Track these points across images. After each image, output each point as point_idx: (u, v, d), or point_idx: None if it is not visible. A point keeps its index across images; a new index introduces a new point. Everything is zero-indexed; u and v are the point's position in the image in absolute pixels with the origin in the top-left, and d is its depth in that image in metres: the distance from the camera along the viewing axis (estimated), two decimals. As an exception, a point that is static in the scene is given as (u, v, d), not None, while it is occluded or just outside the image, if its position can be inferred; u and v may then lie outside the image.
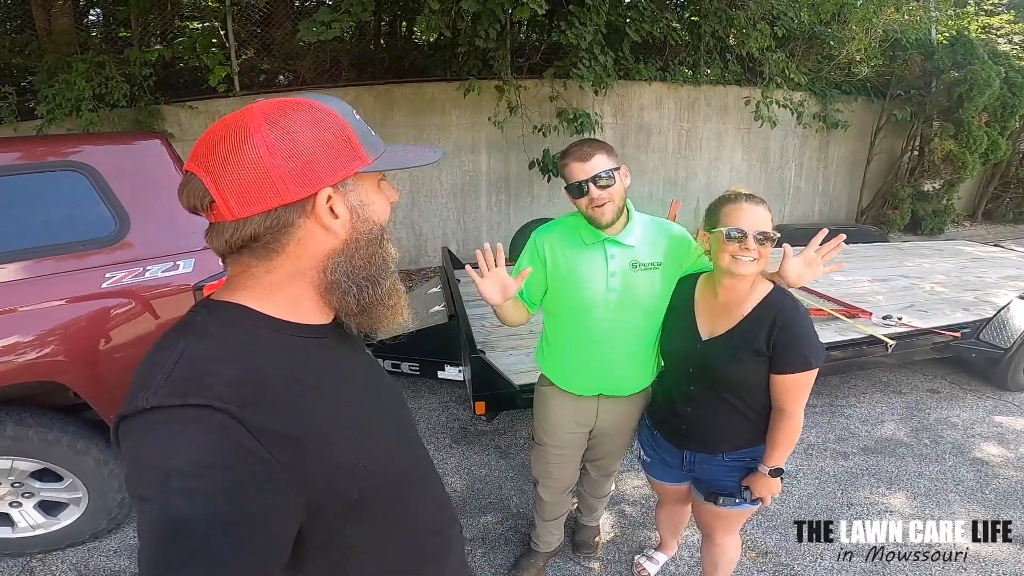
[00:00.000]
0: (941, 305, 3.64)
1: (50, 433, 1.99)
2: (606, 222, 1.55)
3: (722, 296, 1.51)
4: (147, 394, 0.58)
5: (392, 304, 0.76)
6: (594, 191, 1.51)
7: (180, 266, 2.00)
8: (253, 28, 5.67)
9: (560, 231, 1.68)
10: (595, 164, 1.51)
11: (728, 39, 6.58)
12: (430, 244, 5.95)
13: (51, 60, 4.40)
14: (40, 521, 2.18)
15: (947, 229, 7.92)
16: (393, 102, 5.44)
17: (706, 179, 7.06)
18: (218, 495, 0.54)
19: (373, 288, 0.73)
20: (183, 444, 0.56)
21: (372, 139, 0.72)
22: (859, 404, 3.48)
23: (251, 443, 0.58)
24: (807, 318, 1.44)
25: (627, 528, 2.45)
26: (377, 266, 0.73)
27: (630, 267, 1.60)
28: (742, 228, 1.38)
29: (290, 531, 0.61)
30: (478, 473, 2.80)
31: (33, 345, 1.86)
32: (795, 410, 1.46)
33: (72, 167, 1.97)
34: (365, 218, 0.72)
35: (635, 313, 1.64)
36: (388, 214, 0.76)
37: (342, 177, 0.68)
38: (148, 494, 0.54)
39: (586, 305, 1.63)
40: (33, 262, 1.88)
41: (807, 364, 1.41)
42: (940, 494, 2.67)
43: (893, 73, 7.47)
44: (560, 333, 1.75)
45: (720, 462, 1.62)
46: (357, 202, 0.70)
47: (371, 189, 0.73)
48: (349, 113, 0.71)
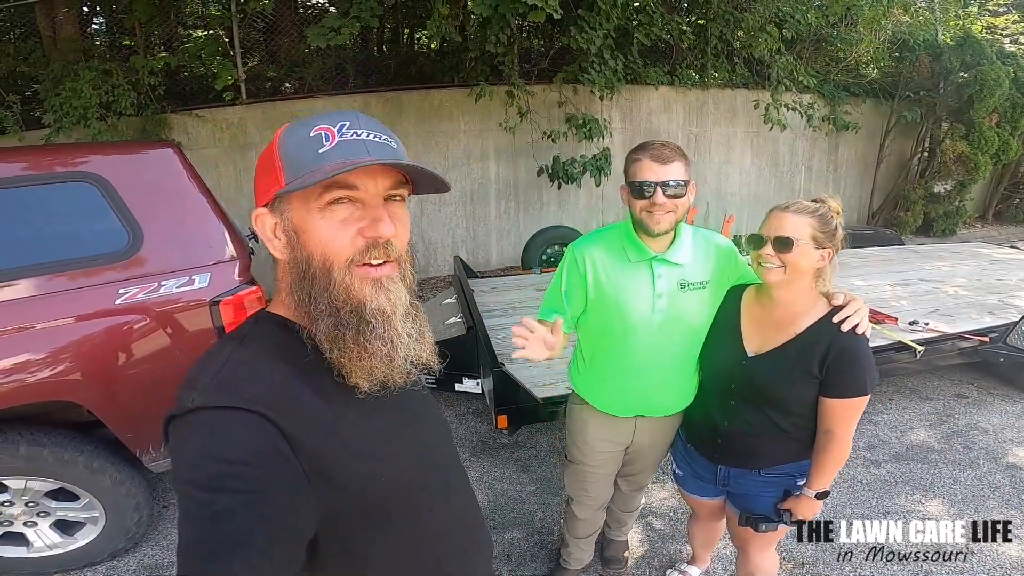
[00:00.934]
0: (967, 309, 3.57)
1: (65, 453, 1.94)
2: (659, 231, 1.44)
3: (773, 311, 1.45)
4: (194, 395, 0.63)
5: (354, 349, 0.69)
6: (660, 197, 1.39)
7: (195, 281, 1.94)
8: (258, 36, 5.64)
9: (603, 245, 1.55)
10: (671, 170, 1.39)
11: (735, 42, 6.53)
12: (439, 253, 5.89)
13: (57, 68, 4.35)
14: (56, 541, 2.14)
15: (959, 231, 7.85)
16: (401, 109, 5.39)
17: (716, 183, 7.00)
18: (253, 491, 0.58)
19: (337, 324, 0.68)
20: (223, 442, 0.60)
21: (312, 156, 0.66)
22: (886, 411, 3.41)
23: (284, 446, 0.62)
24: (866, 342, 1.37)
25: (656, 542, 2.38)
26: (337, 300, 0.68)
27: (678, 287, 1.50)
28: (761, 233, 1.36)
29: (307, 534, 0.65)
30: (499, 488, 2.72)
31: (46, 364, 1.80)
32: (845, 434, 1.40)
33: (82, 178, 1.91)
34: (296, 245, 0.69)
35: (680, 334, 1.55)
36: (344, 248, 0.68)
37: (266, 199, 0.70)
38: (189, 488, 0.58)
39: (627, 327, 1.53)
40: (44, 278, 1.82)
41: (863, 390, 1.36)
42: (978, 500, 2.61)
43: (901, 74, 7.42)
44: (598, 353, 1.65)
45: (756, 477, 1.56)
46: (291, 227, 0.70)
47: (309, 216, 0.68)
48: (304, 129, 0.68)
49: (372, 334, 0.69)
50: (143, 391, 1.92)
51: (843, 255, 4.81)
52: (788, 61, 6.21)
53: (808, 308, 1.41)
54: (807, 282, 1.40)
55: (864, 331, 1.35)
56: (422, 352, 0.75)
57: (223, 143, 4.95)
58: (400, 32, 7.04)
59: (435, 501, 0.81)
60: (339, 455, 0.68)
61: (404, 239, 0.74)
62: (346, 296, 0.69)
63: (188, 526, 0.57)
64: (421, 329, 0.75)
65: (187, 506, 0.58)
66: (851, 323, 1.34)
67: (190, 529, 0.57)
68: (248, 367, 0.67)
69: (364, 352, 0.69)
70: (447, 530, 0.83)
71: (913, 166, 7.85)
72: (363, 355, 0.69)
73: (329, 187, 0.66)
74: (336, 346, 0.69)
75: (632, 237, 1.51)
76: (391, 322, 0.71)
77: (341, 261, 0.68)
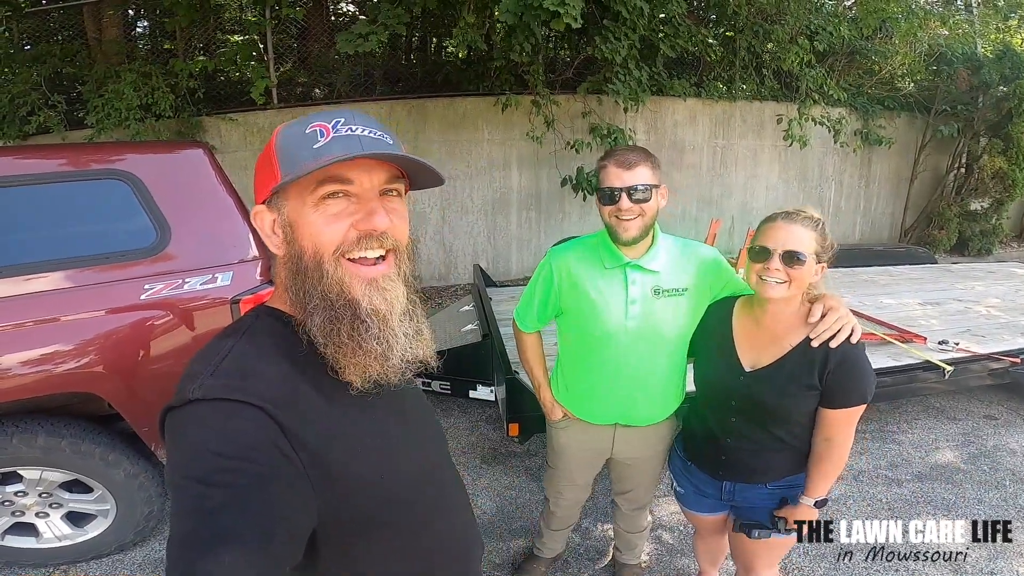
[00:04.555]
0: (999, 330, 3.44)
1: (83, 444, 1.97)
2: (628, 238, 1.45)
3: (766, 324, 1.42)
4: (193, 387, 0.62)
5: (349, 345, 0.68)
6: (625, 202, 1.41)
7: (218, 279, 1.98)
8: (290, 42, 5.79)
9: (579, 252, 1.58)
10: (636, 175, 1.41)
11: (764, 54, 6.45)
12: (460, 261, 5.92)
13: (101, 70, 4.53)
14: (66, 532, 2.16)
15: (995, 250, 7.59)
16: (426, 116, 5.46)
17: (741, 198, 6.90)
18: (249, 486, 0.58)
19: (331, 319, 0.68)
20: (221, 436, 0.60)
21: (308, 151, 0.67)
22: (911, 430, 3.32)
23: (282, 442, 0.62)
24: (862, 350, 1.35)
25: (665, 556, 2.34)
26: (331, 294, 0.68)
27: (652, 293, 1.50)
28: (766, 246, 1.32)
29: (304, 531, 0.64)
30: (508, 495, 2.71)
31: (71, 356, 1.85)
32: (845, 440, 1.40)
33: (115, 175, 1.96)
34: (291, 240, 0.70)
35: (656, 342, 1.54)
36: (334, 241, 0.68)
37: (263, 196, 0.71)
38: (182, 480, 0.58)
39: (603, 334, 1.54)
40: (75, 272, 1.88)
41: (863, 398, 1.35)
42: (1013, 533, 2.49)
43: (938, 88, 7.21)
44: (574, 360, 1.66)
45: (763, 491, 1.54)
46: (286, 222, 0.70)
47: (302, 210, 0.69)
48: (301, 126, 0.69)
49: (367, 333, 0.68)
50: (161, 386, 1.95)
51: (872, 272, 4.66)
52: (818, 74, 6.09)
53: (800, 320, 1.39)
54: (799, 296, 1.38)
55: (853, 338, 1.32)
56: (419, 350, 0.74)
57: (254, 146, 5.08)
58: (427, 41, 7.15)
59: (433, 500, 0.82)
60: (339, 452, 0.67)
61: (402, 232, 0.73)
62: (339, 290, 0.68)
63: (181, 518, 0.57)
64: (419, 327, 0.75)
65: (181, 498, 0.58)
66: (822, 339, 1.32)
67: (183, 521, 0.57)
68: (248, 361, 0.66)
69: (359, 349, 0.68)
70: (444, 529, 0.84)
71: (948, 182, 7.61)
72: (357, 352, 0.68)
73: (323, 181, 0.67)
74: (331, 340, 0.68)
75: (608, 244, 1.52)
76: (387, 322, 0.70)
77: (330, 252, 0.68)
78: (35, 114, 4.45)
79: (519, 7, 3.88)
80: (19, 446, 1.89)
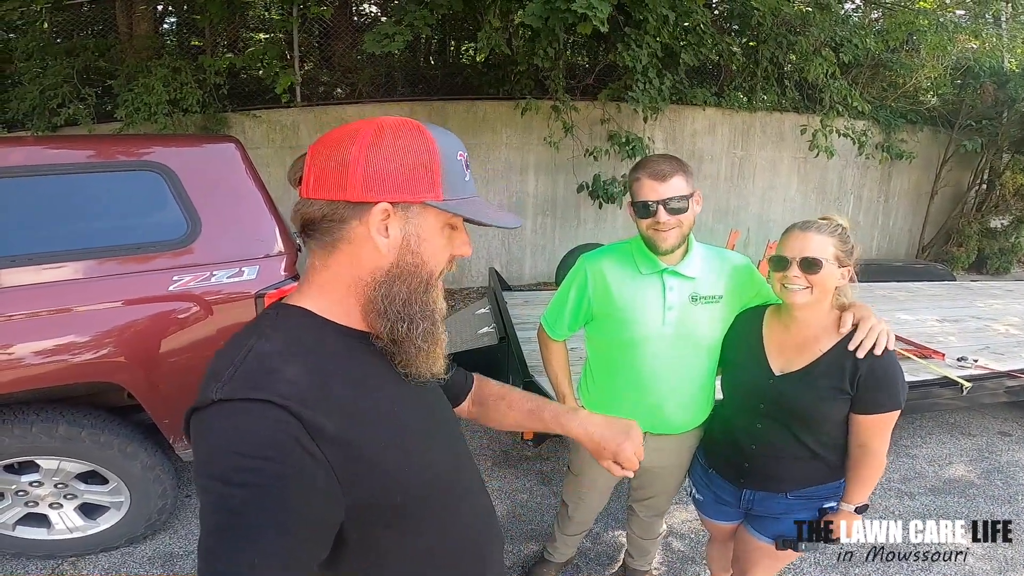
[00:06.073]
0: (1017, 348, 3.41)
1: (102, 435, 1.97)
2: (666, 248, 1.45)
3: (795, 330, 1.44)
4: (216, 387, 0.63)
5: (424, 348, 0.75)
6: (662, 214, 1.40)
7: (245, 273, 2.01)
8: (314, 41, 5.86)
9: (613, 258, 1.58)
10: (670, 186, 1.40)
11: (786, 65, 6.42)
12: (474, 264, 5.94)
13: (131, 64, 4.61)
14: (78, 524, 2.16)
15: (1014, 269, 7.48)
16: (446, 118, 5.50)
17: (759, 209, 6.86)
18: (271, 485, 0.59)
19: (408, 326, 0.73)
20: (243, 436, 0.61)
21: (461, 183, 0.74)
22: (925, 445, 3.32)
23: (306, 440, 0.62)
24: (894, 355, 1.36)
25: (676, 563, 2.35)
26: (417, 307, 0.74)
27: (689, 300, 1.50)
28: (784, 255, 1.35)
29: (331, 527, 0.66)
30: (519, 498, 2.72)
31: (99, 344, 1.87)
32: (881, 446, 1.40)
33: (149, 167, 1.99)
34: (414, 251, 0.72)
35: (691, 349, 1.54)
36: (444, 262, 0.77)
37: (405, 199, 0.70)
38: (207, 481, 0.60)
39: (638, 340, 1.53)
40: (108, 261, 1.91)
41: (897, 403, 1.35)
42: (1014, 534, 2.50)
43: (963, 102, 7.12)
44: (606, 367, 1.65)
45: (782, 500, 1.53)
46: (413, 232, 0.72)
47: (435, 228, 0.74)
48: (452, 150, 0.73)
49: (442, 336, 0.78)
50: (183, 378, 1.97)
51: (891, 288, 4.62)
52: (842, 85, 6.05)
53: (830, 327, 1.40)
54: (828, 301, 1.40)
55: (891, 345, 1.33)
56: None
57: (275, 143, 5.15)
58: (447, 44, 7.20)
59: (459, 493, 0.84)
60: (367, 445, 0.69)
61: None
62: (435, 303, 0.77)
63: (207, 517, 0.59)
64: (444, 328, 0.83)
65: (207, 498, 0.60)
66: (866, 348, 1.32)
67: (209, 520, 0.59)
68: (270, 359, 0.66)
69: (433, 350, 0.77)
70: (468, 522, 0.85)
71: (969, 199, 7.51)
72: (432, 351, 0.77)
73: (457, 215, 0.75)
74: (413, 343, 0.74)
75: (643, 250, 1.53)
76: (443, 319, 0.79)
77: (438, 271, 0.77)
78: (65, 106, 4.54)
79: (545, 10, 3.89)
80: (39, 435, 1.89)
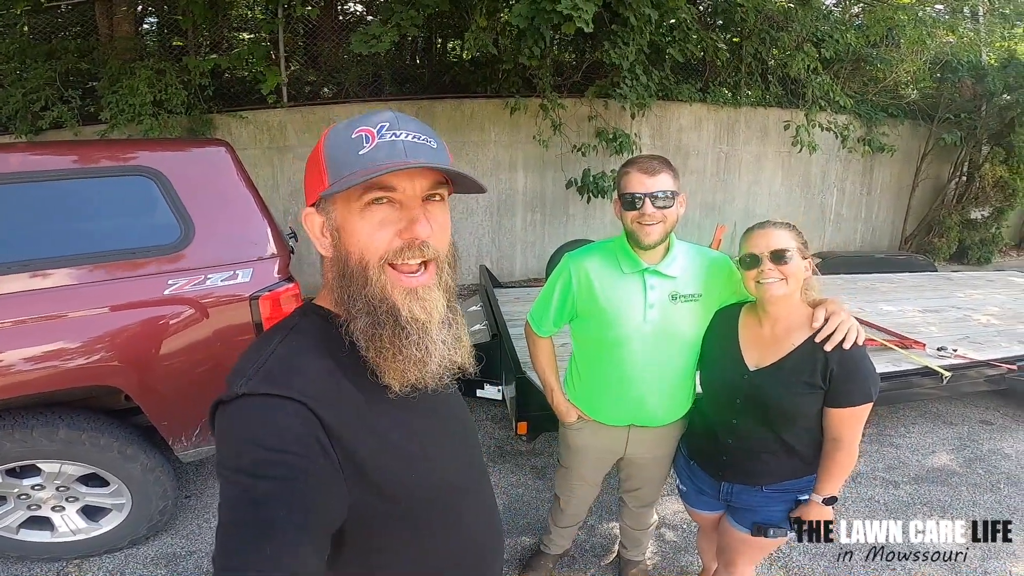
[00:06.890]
0: (997, 337, 3.50)
1: (102, 438, 1.99)
2: (649, 243, 1.50)
3: (768, 327, 1.49)
4: (241, 382, 0.66)
5: (395, 353, 0.70)
6: (648, 207, 1.45)
7: (239, 276, 2.02)
8: (300, 41, 5.83)
9: (597, 258, 1.62)
10: (658, 181, 1.46)
11: (770, 60, 6.50)
12: (464, 262, 5.86)
13: (115, 66, 4.56)
14: (81, 526, 2.18)
15: (994, 259, 7.65)
16: (434, 117, 5.50)
17: (744, 203, 6.95)
18: (294, 479, 0.60)
19: (374, 324, 0.70)
20: (267, 430, 0.63)
21: (353, 158, 0.68)
22: (908, 434, 3.40)
23: (323, 436, 0.64)
24: (863, 349, 1.41)
25: (669, 554, 2.40)
26: (373, 299, 0.70)
27: (669, 299, 1.55)
28: (752, 252, 1.41)
29: (336, 524, 0.66)
30: (514, 493, 2.76)
31: (97, 349, 1.89)
32: (852, 439, 1.44)
33: (142, 172, 2.00)
34: (340, 244, 0.72)
35: (672, 346, 1.59)
36: (380, 249, 0.70)
37: (310, 201, 0.74)
38: (229, 472, 0.61)
39: (621, 337, 1.58)
40: (101, 267, 1.92)
41: (868, 396, 1.39)
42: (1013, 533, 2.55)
43: (942, 96, 7.26)
44: (591, 363, 1.70)
45: (759, 493, 1.58)
46: (334, 227, 0.72)
47: (350, 216, 0.70)
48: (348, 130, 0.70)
49: (407, 339, 0.70)
50: (181, 380, 1.99)
51: (872, 279, 4.71)
52: (824, 80, 6.15)
53: (801, 321, 1.45)
54: (799, 294, 1.45)
55: (859, 340, 1.38)
56: (457, 356, 0.76)
57: (263, 144, 5.13)
58: (433, 42, 7.18)
59: (461, 503, 0.83)
60: (373, 451, 0.69)
61: (443, 240, 0.74)
62: (381, 296, 0.70)
63: (228, 509, 0.60)
64: (458, 334, 0.77)
65: (228, 488, 0.61)
66: (834, 342, 1.37)
67: (230, 512, 0.59)
68: (293, 358, 0.69)
69: (399, 354, 0.70)
70: (468, 533, 0.85)
71: (950, 191, 7.67)
72: (397, 356, 0.70)
73: (368, 188, 0.68)
74: (372, 344, 0.70)
75: (626, 249, 1.57)
76: (426, 330, 0.72)
77: (376, 259, 0.70)
78: (49, 109, 4.49)
79: (531, 11, 3.92)
80: (39, 439, 1.91)
